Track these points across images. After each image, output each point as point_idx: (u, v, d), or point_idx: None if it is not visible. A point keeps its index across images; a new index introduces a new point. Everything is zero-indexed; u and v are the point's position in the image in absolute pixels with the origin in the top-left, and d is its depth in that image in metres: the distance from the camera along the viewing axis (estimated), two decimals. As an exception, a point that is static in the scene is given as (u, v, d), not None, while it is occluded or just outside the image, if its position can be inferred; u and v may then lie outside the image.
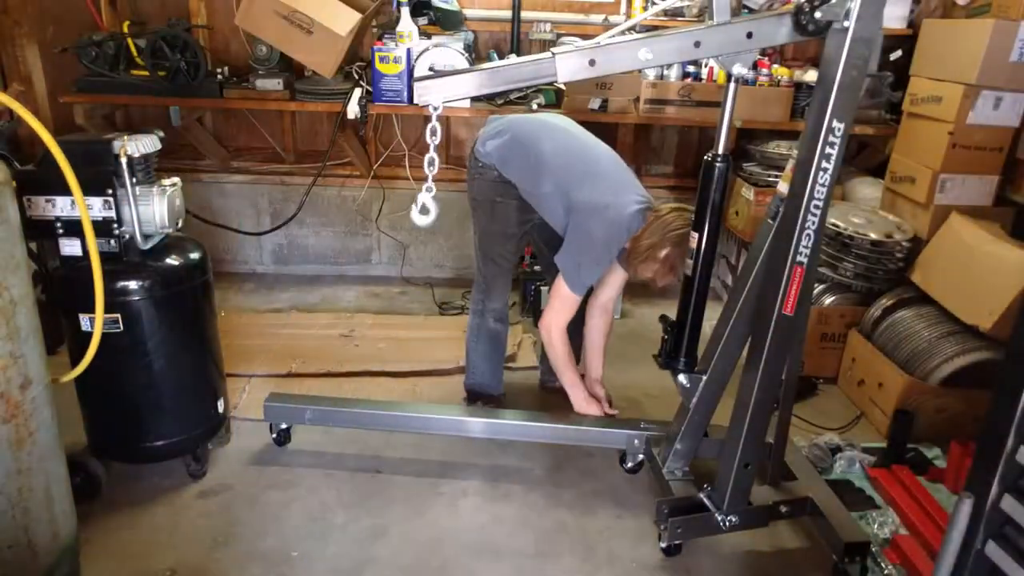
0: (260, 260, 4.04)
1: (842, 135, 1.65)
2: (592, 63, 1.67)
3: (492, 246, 2.51)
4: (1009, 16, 2.77)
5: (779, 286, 1.77)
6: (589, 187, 2.28)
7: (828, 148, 1.66)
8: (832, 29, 1.63)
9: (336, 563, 2.03)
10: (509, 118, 2.49)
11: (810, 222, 1.71)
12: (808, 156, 1.69)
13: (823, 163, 1.66)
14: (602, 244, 2.27)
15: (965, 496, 1.15)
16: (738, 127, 3.42)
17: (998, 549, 1.14)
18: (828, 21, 1.62)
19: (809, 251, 1.74)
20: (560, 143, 2.38)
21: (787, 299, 1.77)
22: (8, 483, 1.55)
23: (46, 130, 1.60)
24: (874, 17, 1.59)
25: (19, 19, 3.16)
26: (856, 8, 1.56)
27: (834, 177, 1.69)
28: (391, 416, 2.48)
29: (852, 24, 1.57)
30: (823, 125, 1.64)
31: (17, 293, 1.51)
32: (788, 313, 1.79)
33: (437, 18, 3.56)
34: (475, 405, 2.68)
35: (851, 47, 1.59)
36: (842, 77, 1.61)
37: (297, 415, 2.46)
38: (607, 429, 2.45)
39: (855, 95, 1.63)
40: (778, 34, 1.69)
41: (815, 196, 1.69)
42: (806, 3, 1.62)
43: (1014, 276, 2.44)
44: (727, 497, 2.00)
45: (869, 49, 1.61)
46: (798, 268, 1.75)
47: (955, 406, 2.61)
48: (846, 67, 1.60)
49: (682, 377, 2.13)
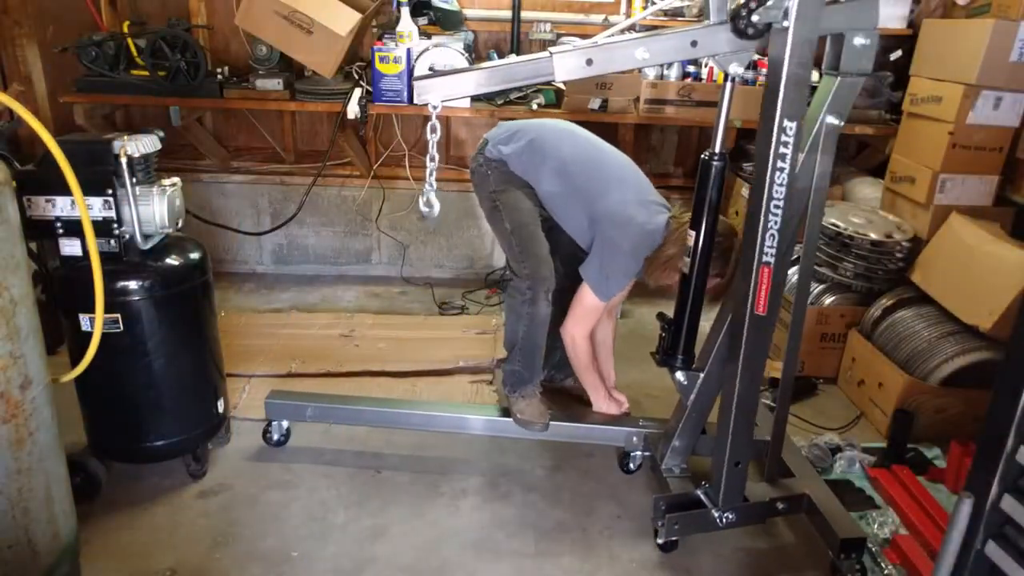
0: (260, 260, 4.04)
1: (795, 133, 1.67)
2: (589, 62, 1.69)
3: (527, 224, 2.33)
4: (1009, 16, 2.77)
5: (748, 286, 1.79)
6: (614, 197, 2.26)
7: (782, 148, 1.68)
8: (773, 30, 1.64)
9: (336, 563, 2.03)
10: (520, 123, 2.45)
11: (772, 222, 1.74)
12: (764, 156, 1.71)
13: (779, 163, 1.69)
14: (630, 255, 2.25)
15: (965, 496, 1.15)
16: (737, 127, 3.42)
17: (998, 549, 1.14)
18: (768, 23, 1.63)
19: (775, 251, 1.76)
20: (580, 150, 2.36)
21: (757, 299, 1.80)
22: (8, 483, 1.55)
23: (46, 130, 1.60)
24: (814, 14, 1.60)
25: (19, 19, 3.16)
26: (794, 8, 1.58)
27: (791, 175, 1.71)
28: (392, 413, 2.49)
29: (792, 24, 1.59)
30: (774, 125, 1.66)
31: (17, 293, 1.51)
32: (760, 313, 1.81)
33: (437, 18, 3.56)
34: (527, 399, 2.43)
35: (793, 46, 1.60)
36: (788, 77, 1.63)
37: (298, 412, 2.47)
38: (606, 427, 2.46)
39: (803, 93, 1.65)
40: (721, 41, 1.69)
41: (774, 196, 1.71)
42: (742, 8, 1.62)
43: (1014, 276, 2.44)
44: (721, 494, 2.02)
45: (812, 47, 1.62)
46: (765, 268, 1.77)
47: (955, 406, 2.61)
48: (791, 66, 1.62)
49: (679, 374, 2.15)
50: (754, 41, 1.67)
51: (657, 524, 2.07)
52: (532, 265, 2.28)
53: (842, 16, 1.70)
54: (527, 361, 2.40)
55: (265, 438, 2.49)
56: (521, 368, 2.41)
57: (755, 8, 1.61)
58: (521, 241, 2.30)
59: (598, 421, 2.50)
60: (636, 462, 2.43)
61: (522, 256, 2.30)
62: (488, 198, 2.37)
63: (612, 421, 2.50)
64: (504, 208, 2.33)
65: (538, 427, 2.39)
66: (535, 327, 2.33)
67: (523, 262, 2.29)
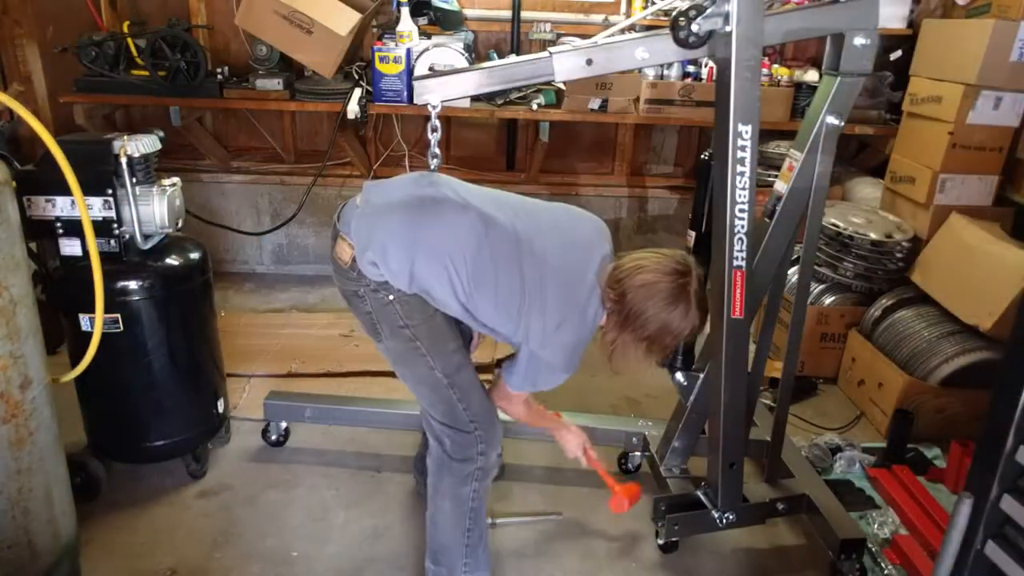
0: (260, 260, 4.04)
1: (751, 137, 1.66)
2: (589, 62, 1.69)
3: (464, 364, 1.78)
4: (1009, 16, 2.77)
5: (722, 290, 1.78)
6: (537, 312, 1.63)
7: (740, 152, 1.66)
8: (717, 36, 1.62)
9: (336, 563, 2.03)
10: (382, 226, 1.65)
11: (738, 226, 1.72)
12: (723, 161, 1.69)
13: (738, 167, 1.67)
14: (561, 368, 1.69)
15: (965, 496, 1.15)
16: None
17: (998, 549, 1.14)
18: (710, 30, 1.61)
19: (745, 254, 1.75)
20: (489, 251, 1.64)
21: (733, 303, 1.79)
22: (8, 483, 1.55)
23: (46, 130, 1.60)
24: (756, 17, 1.58)
25: (19, 19, 3.16)
26: (735, 11, 1.56)
27: (753, 179, 1.68)
28: (391, 414, 2.48)
29: (734, 28, 1.58)
30: (729, 130, 1.65)
31: (17, 293, 1.51)
32: (737, 316, 1.80)
33: (437, 18, 3.56)
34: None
35: (738, 49, 1.59)
36: (736, 81, 1.61)
37: (297, 413, 2.47)
38: (607, 427, 2.45)
39: (755, 96, 1.64)
40: (668, 51, 1.68)
41: (737, 200, 1.69)
42: (681, 19, 1.61)
43: (1014, 276, 2.44)
44: (720, 495, 2.02)
45: (759, 49, 1.61)
46: (737, 272, 1.76)
47: (955, 406, 2.61)
48: (738, 70, 1.60)
49: (679, 375, 2.16)
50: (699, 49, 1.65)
51: (657, 525, 2.07)
52: (483, 418, 1.76)
53: (842, 16, 1.70)
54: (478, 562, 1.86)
55: (264, 437, 2.50)
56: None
57: (694, 17, 1.59)
58: (463, 392, 1.75)
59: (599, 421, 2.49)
60: (635, 462, 2.42)
61: (467, 409, 1.75)
62: (397, 334, 1.70)
63: (612, 421, 2.49)
64: (429, 351, 1.71)
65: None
66: (481, 496, 1.80)
67: (469, 414, 1.75)
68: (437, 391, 1.74)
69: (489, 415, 1.79)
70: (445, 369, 1.72)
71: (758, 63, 1.63)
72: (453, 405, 1.74)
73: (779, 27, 1.69)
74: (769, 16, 1.68)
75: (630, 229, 4.00)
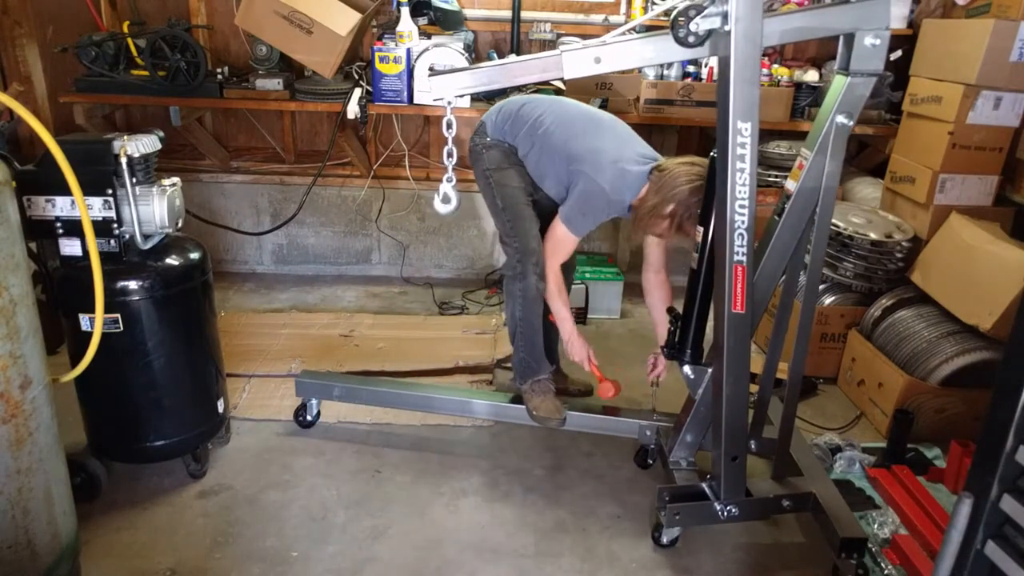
0: (260, 260, 4.04)
1: (751, 134, 1.69)
2: (598, 60, 1.73)
3: (518, 202, 2.40)
4: (1009, 16, 2.77)
5: (724, 285, 1.82)
6: (592, 143, 2.30)
7: (739, 148, 1.70)
8: (716, 35, 1.64)
9: (336, 563, 2.03)
10: (514, 98, 2.51)
11: (739, 222, 1.76)
12: (723, 157, 1.73)
13: (738, 163, 1.71)
14: (606, 195, 2.26)
15: (965, 496, 1.15)
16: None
17: (998, 549, 1.14)
18: (709, 29, 1.63)
19: (745, 249, 1.79)
20: (565, 112, 2.40)
21: (734, 297, 1.83)
22: (8, 483, 1.55)
23: (46, 130, 1.60)
24: (756, 15, 1.60)
25: (19, 19, 3.16)
26: (734, 10, 1.58)
27: (753, 176, 1.72)
28: (416, 396, 2.56)
29: (733, 26, 1.59)
30: (728, 127, 1.68)
31: (17, 293, 1.51)
32: (738, 311, 1.85)
33: (437, 18, 3.56)
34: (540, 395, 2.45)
35: (737, 48, 1.61)
36: (736, 78, 1.63)
37: (325, 391, 2.58)
38: (619, 418, 2.47)
39: (754, 94, 1.66)
40: (671, 52, 1.70)
41: (738, 196, 1.74)
42: (680, 18, 1.63)
43: (1014, 276, 2.44)
44: (722, 488, 2.03)
45: (758, 47, 1.63)
46: (738, 267, 1.81)
47: (955, 406, 2.61)
48: (738, 68, 1.63)
49: (687, 368, 2.17)
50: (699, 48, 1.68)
51: (659, 514, 2.08)
52: (521, 239, 2.34)
53: (853, 16, 1.70)
54: (529, 347, 2.43)
55: (297, 420, 2.59)
56: (526, 355, 2.44)
57: (693, 16, 1.61)
58: (512, 217, 2.38)
59: (611, 413, 2.51)
60: (655, 456, 2.44)
61: (512, 231, 2.36)
62: (482, 176, 2.45)
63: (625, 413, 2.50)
64: (496, 186, 2.40)
65: (555, 422, 2.40)
66: (528, 304, 2.37)
67: (513, 236, 2.36)
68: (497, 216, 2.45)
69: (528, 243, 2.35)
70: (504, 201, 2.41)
71: (757, 62, 1.64)
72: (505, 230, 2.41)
73: (787, 26, 1.70)
74: (777, 16, 1.69)
75: (630, 228, 3.99)
